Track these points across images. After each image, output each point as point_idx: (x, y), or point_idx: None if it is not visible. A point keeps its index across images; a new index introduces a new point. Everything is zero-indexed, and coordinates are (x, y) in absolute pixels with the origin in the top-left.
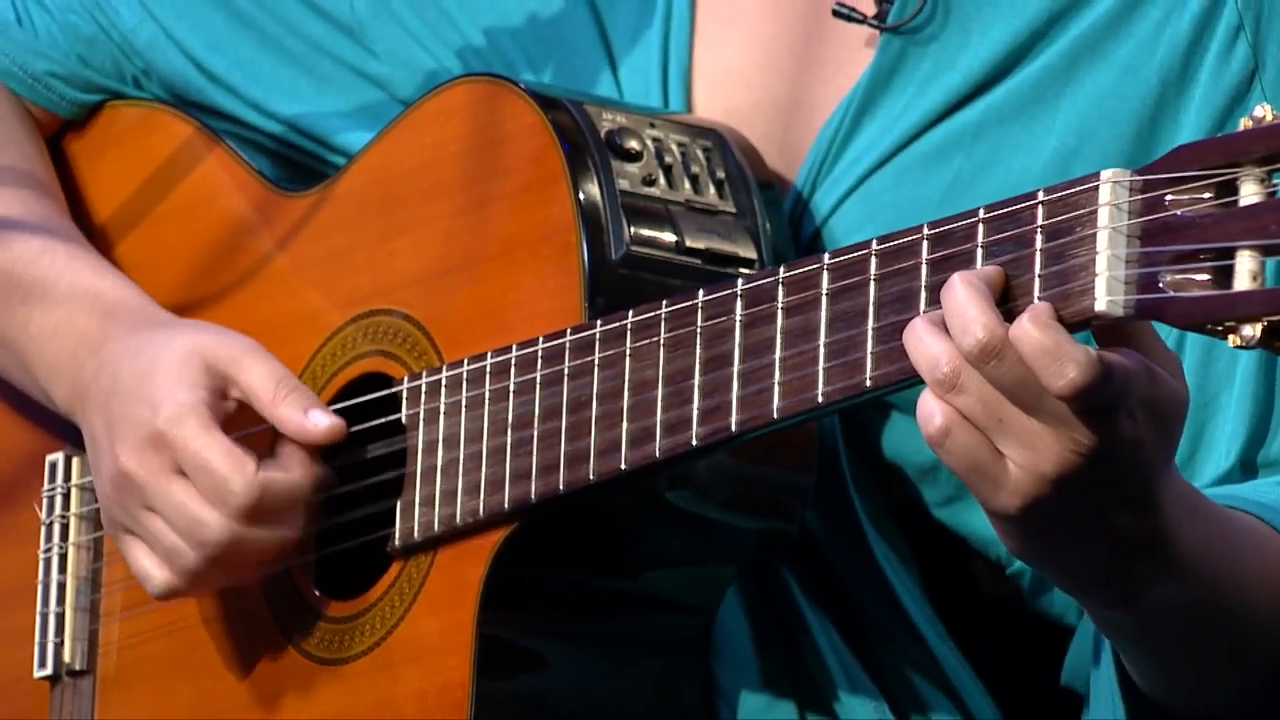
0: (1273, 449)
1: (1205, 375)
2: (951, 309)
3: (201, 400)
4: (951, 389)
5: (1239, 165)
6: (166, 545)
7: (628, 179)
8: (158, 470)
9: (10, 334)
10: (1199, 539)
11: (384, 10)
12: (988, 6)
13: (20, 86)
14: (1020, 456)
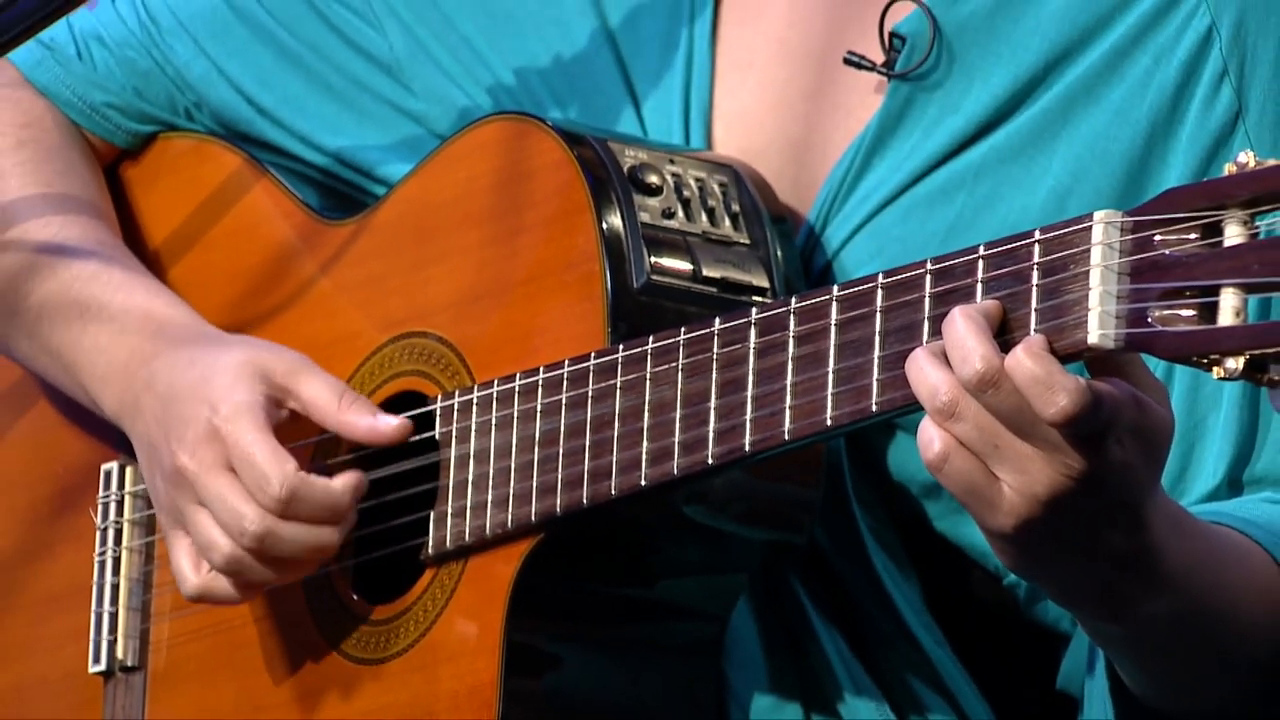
0: (1257, 467)
1: (1194, 399)
2: (951, 340)
3: (258, 403)
4: (950, 417)
5: (1224, 208)
6: (205, 538)
7: (648, 212)
8: (209, 464)
9: (64, 348)
10: (1186, 555)
11: (421, 51)
12: (989, 55)
13: (80, 117)
14: (1014, 480)
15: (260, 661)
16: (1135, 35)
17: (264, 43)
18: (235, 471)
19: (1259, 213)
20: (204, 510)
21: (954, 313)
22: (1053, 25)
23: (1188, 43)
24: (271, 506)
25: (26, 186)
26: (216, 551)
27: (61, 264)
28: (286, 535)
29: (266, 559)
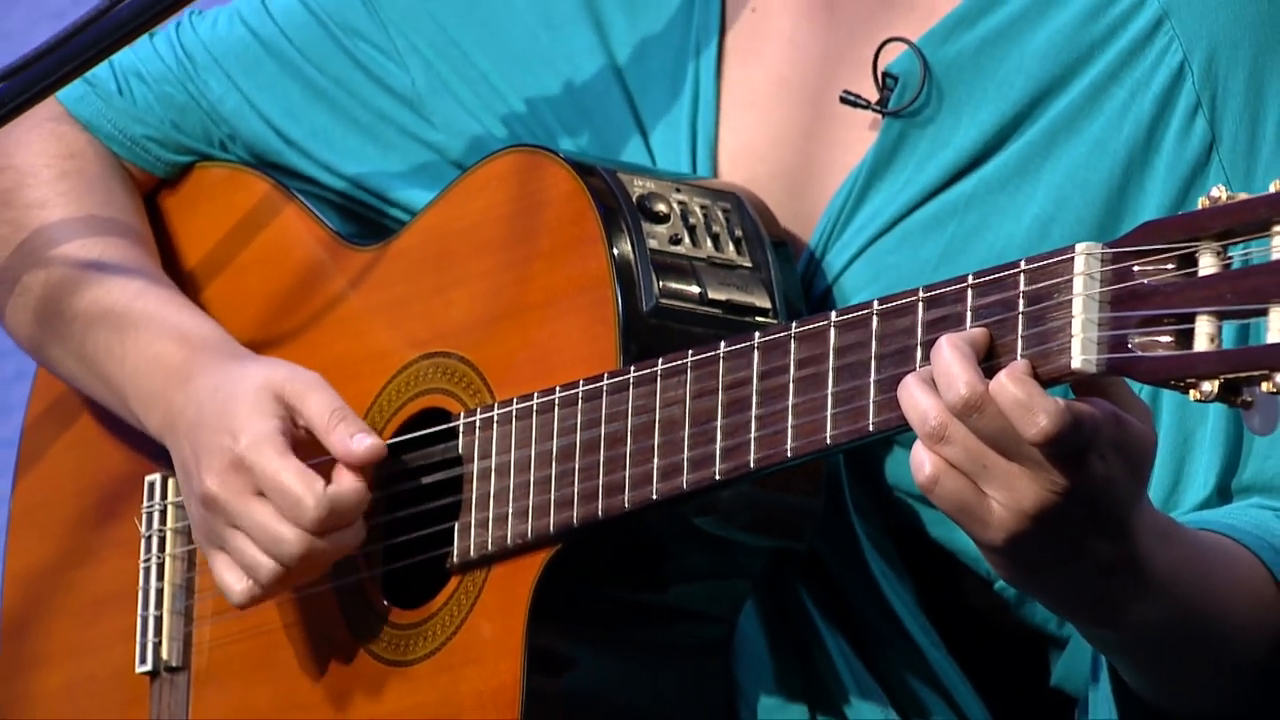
0: (1244, 476)
1: (1182, 416)
2: (939, 368)
3: (276, 429)
4: (940, 440)
5: (1198, 239)
6: (249, 559)
7: (656, 238)
8: (239, 491)
9: (107, 367)
10: (1173, 562)
11: (440, 85)
12: (976, 92)
13: (121, 148)
14: (1003, 497)
15: (296, 663)
16: (1113, 71)
17: (293, 78)
18: (265, 496)
19: (1231, 244)
20: (240, 534)
21: (941, 341)
22: (1035, 63)
23: (1161, 77)
24: (310, 527)
25: (70, 213)
26: (262, 570)
27: (101, 286)
28: (322, 549)
29: (309, 571)
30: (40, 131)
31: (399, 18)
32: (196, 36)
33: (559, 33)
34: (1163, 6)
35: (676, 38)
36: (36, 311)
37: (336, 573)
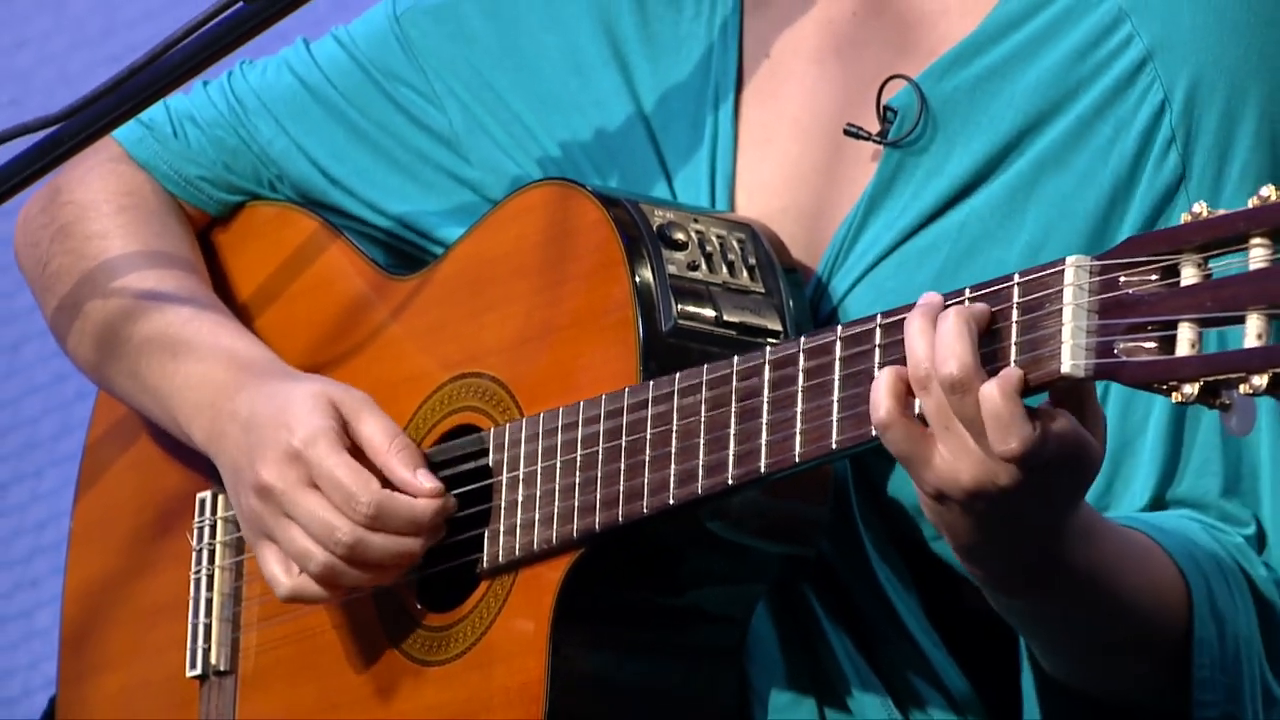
0: (1179, 489)
1: (1123, 423)
2: (941, 337)
3: (331, 428)
4: (921, 387)
5: (1180, 252)
6: (299, 548)
7: (675, 265)
8: (294, 482)
9: (159, 384)
10: (1090, 560)
11: (477, 126)
12: (970, 124)
13: (176, 188)
14: (949, 455)
15: (336, 665)
16: (1099, 108)
17: (337, 121)
18: (320, 489)
19: (1211, 256)
20: (293, 524)
21: (951, 311)
22: (1025, 98)
23: (1144, 114)
24: (361, 520)
25: (127, 245)
26: (312, 560)
27: (157, 311)
28: (376, 544)
29: (357, 565)
30: (101, 170)
31: (437, 63)
32: (247, 83)
33: (588, 77)
34: (1147, 48)
35: (697, 82)
36: (95, 336)
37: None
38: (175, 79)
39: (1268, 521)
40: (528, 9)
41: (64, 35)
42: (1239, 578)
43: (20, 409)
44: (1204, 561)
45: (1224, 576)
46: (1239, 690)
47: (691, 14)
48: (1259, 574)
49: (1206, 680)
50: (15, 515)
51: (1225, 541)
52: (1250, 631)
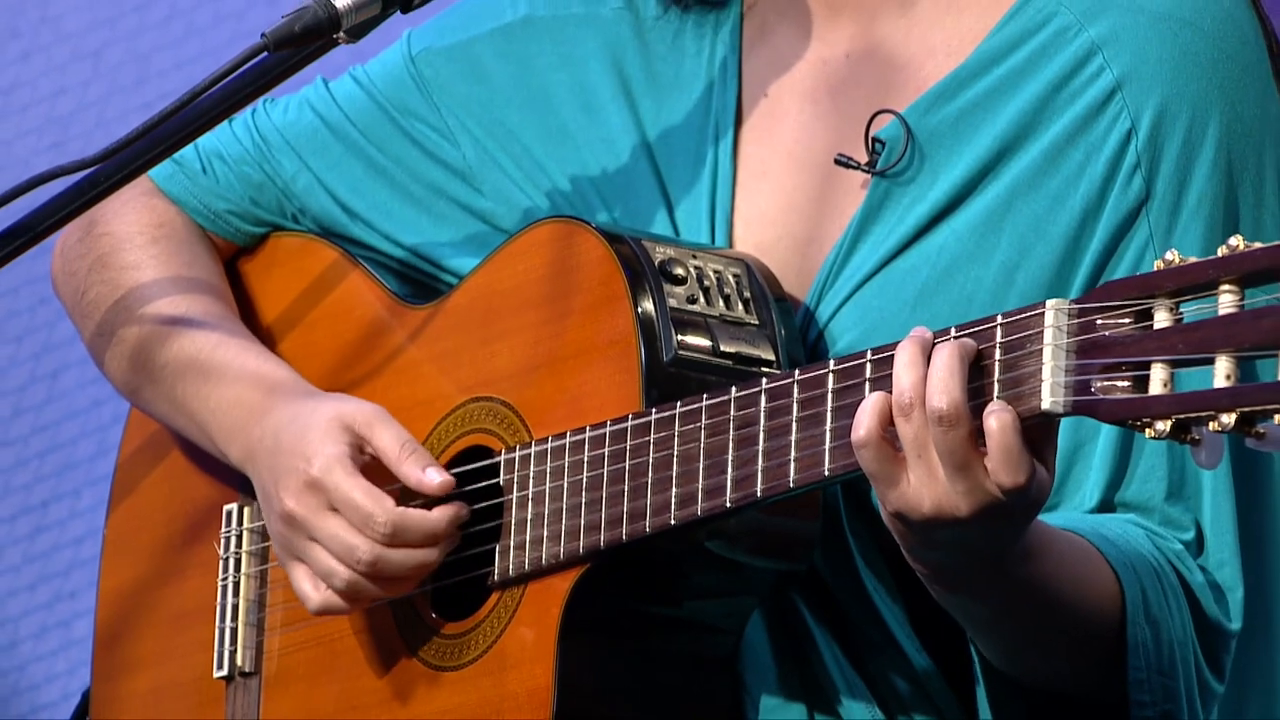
0: (1126, 494)
1: (1077, 429)
2: (935, 369)
3: (345, 453)
4: (903, 414)
5: (1154, 296)
6: (324, 567)
7: (675, 298)
8: (315, 508)
9: (194, 407)
10: (1032, 574)
11: (489, 159)
12: (953, 154)
13: (205, 221)
14: (915, 481)
15: (355, 669)
16: (1070, 134)
17: (356, 157)
18: (339, 512)
19: (1182, 300)
20: (317, 545)
21: (946, 346)
22: (1005, 128)
23: (1113, 141)
24: (379, 538)
25: (160, 274)
26: (337, 578)
27: (187, 337)
28: (395, 559)
29: (377, 580)
30: (135, 204)
31: (450, 100)
32: (270, 122)
33: (596, 115)
34: (1117, 79)
35: (699, 119)
36: (131, 360)
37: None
38: (203, 124)
39: (1207, 526)
40: (538, 50)
41: (101, 83)
42: (1175, 583)
43: (59, 432)
44: (1141, 569)
45: (1160, 583)
46: (1175, 690)
47: (693, 54)
48: (1195, 579)
49: (1143, 681)
50: (55, 531)
51: (1165, 548)
52: (1185, 634)
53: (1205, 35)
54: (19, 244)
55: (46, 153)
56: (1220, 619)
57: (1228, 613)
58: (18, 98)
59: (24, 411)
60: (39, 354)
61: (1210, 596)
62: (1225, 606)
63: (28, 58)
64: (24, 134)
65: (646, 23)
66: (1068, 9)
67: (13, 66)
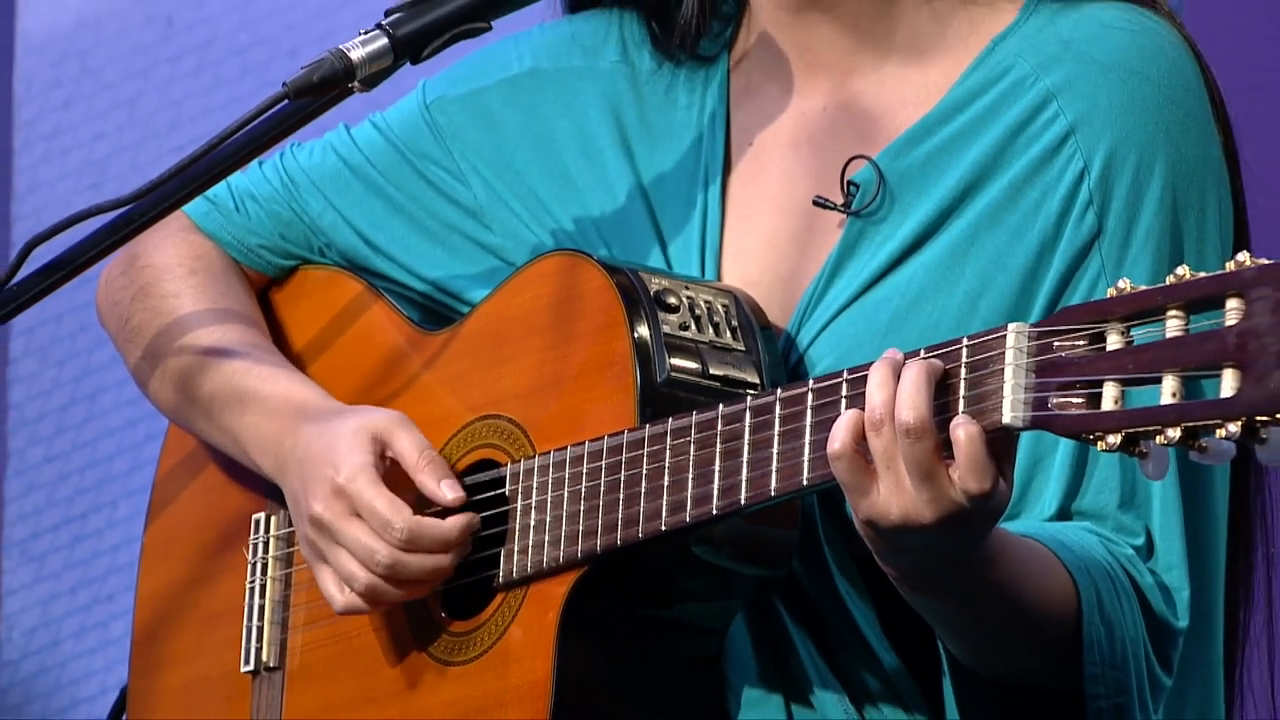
0: (1082, 503)
1: (1036, 443)
2: (903, 384)
3: (369, 463)
4: (873, 427)
5: (1106, 321)
6: (347, 570)
7: (669, 325)
8: (340, 514)
9: (233, 426)
10: (993, 578)
11: (498, 200)
12: (922, 195)
13: (238, 254)
14: (884, 491)
15: (371, 663)
16: (1028, 174)
17: (376, 196)
18: (362, 518)
19: (1132, 325)
20: (341, 549)
21: (913, 366)
22: (967, 169)
23: (1067, 180)
24: (397, 543)
25: (199, 303)
26: (357, 581)
27: (226, 361)
28: (411, 563)
29: (395, 582)
30: (174, 239)
31: (462, 145)
32: (297, 164)
33: (596, 160)
34: (1070, 124)
35: (690, 165)
36: (174, 384)
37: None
38: (229, 166)
39: (1156, 532)
40: (542, 99)
41: (136, 129)
42: (1126, 585)
43: (98, 449)
44: (1095, 572)
45: (1113, 585)
46: (1127, 683)
47: (685, 106)
48: (1145, 581)
49: (1097, 675)
50: (93, 539)
51: (1117, 553)
52: (1136, 632)
53: (1151, 83)
54: (60, 276)
55: (85, 192)
56: (1169, 617)
57: (1175, 612)
58: (59, 142)
59: (66, 429)
60: (79, 377)
61: (1160, 597)
62: (1173, 606)
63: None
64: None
65: (642, 75)
66: (1024, 60)
67: (55, 113)
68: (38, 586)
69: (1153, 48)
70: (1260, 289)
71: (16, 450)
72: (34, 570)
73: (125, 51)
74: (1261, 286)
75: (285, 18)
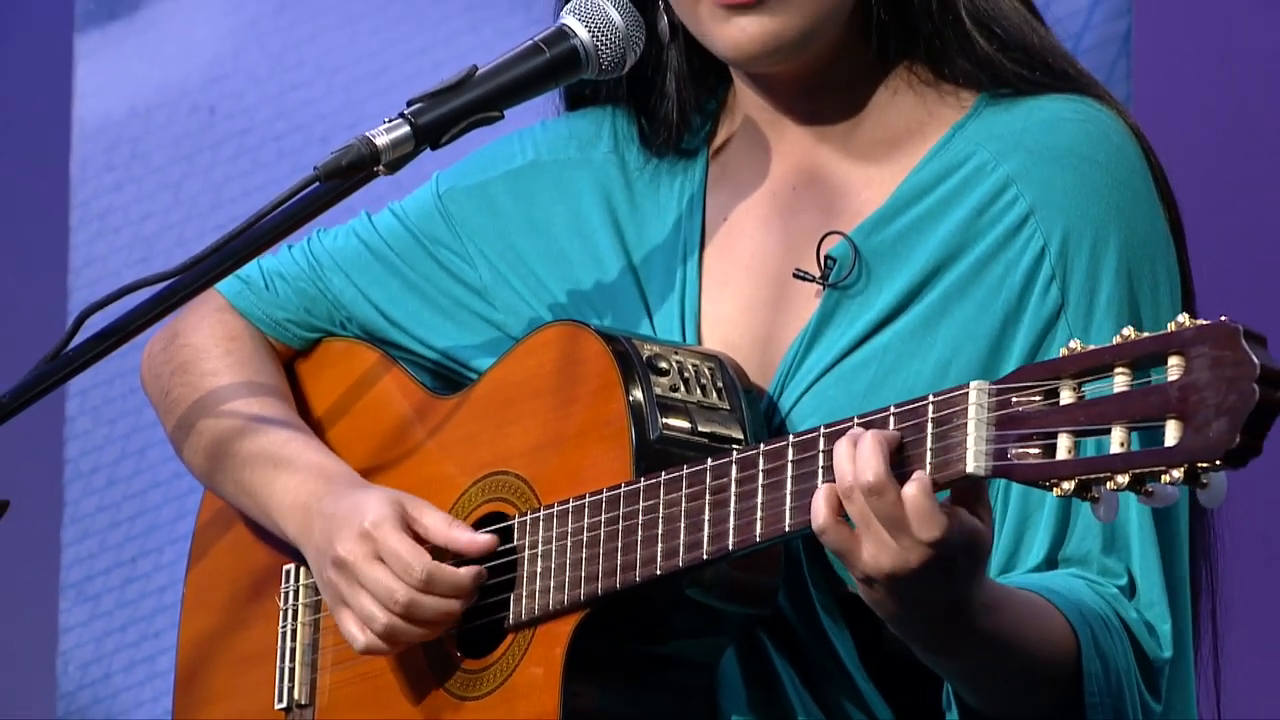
0: (1067, 550)
1: (1024, 502)
2: (860, 453)
3: (396, 514)
4: (845, 495)
5: (1059, 378)
6: (367, 611)
7: (660, 387)
8: (363, 556)
9: (259, 492)
10: (994, 625)
11: (501, 279)
12: (894, 270)
13: (267, 329)
14: (871, 548)
15: (394, 700)
16: (992, 253)
17: (394, 276)
18: (383, 561)
19: (1084, 381)
20: (362, 590)
21: (868, 434)
22: (936, 246)
23: (1028, 257)
24: (415, 585)
25: (233, 379)
26: (376, 621)
27: (256, 434)
28: (427, 605)
29: (411, 621)
30: (210, 319)
31: (470, 231)
32: (323, 246)
33: (589, 240)
34: (1029, 206)
35: (671, 242)
36: (206, 451)
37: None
38: (265, 242)
39: (1137, 573)
40: (541, 187)
41: (181, 209)
42: (1115, 622)
43: (146, 499)
44: (1088, 613)
45: (1104, 622)
46: (1123, 711)
47: (667, 191)
48: (1131, 616)
49: (1096, 704)
50: (141, 581)
51: (1103, 593)
52: (1127, 663)
53: (1100, 167)
54: (112, 342)
55: (135, 266)
56: (1154, 650)
57: (1160, 644)
58: (111, 221)
59: (117, 481)
60: (129, 434)
61: (1144, 631)
62: (1157, 639)
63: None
64: (116, 250)
65: (630, 166)
66: (984, 148)
67: (108, 194)
68: (92, 624)
69: (1099, 134)
70: (1199, 348)
71: (72, 500)
72: (88, 609)
73: (172, 138)
74: (1200, 345)
75: (317, 107)
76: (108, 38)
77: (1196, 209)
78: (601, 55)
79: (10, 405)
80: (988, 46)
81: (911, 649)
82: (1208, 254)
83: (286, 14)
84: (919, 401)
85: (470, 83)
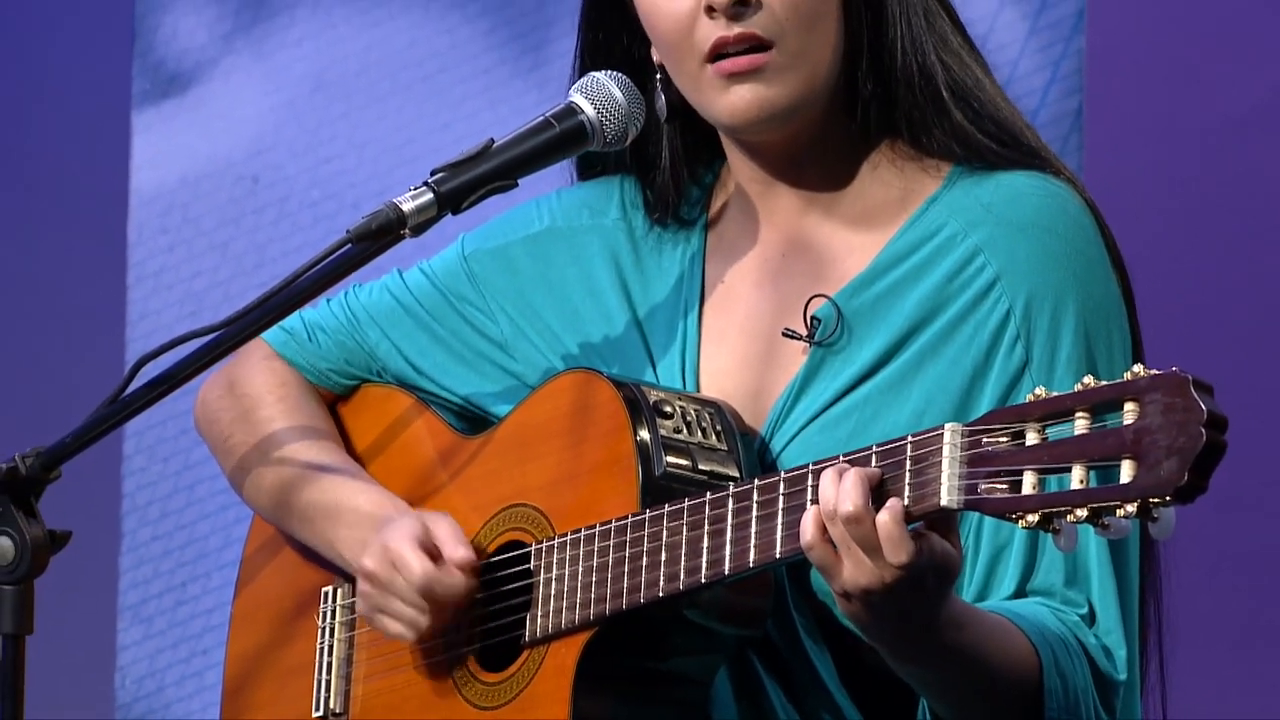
0: (1035, 582)
1: (995, 537)
2: (843, 486)
3: (416, 535)
4: (830, 519)
5: (1025, 421)
6: (394, 610)
7: (665, 429)
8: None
9: (319, 524)
10: (962, 641)
11: (520, 334)
12: (873, 330)
13: (312, 377)
14: (850, 567)
15: (420, 708)
16: (962, 315)
17: (422, 329)
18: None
19: (1047, 425)
20: (394, 599)
21: (852, 470)
22: (912, 308)
23: (994, 319)
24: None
25: (287, 424)
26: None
27: (319, 475)
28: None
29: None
30: (260, 367)
31: (493, 289)
32: (359, 301)
33: (599, 298)
34: (996, 273)
35: (674, 300)
36: (270, 494)
37: (449, 647)
38: (303, 298)
39: (1096, 602)
40: (557, 251)
41: (228, 268)
42: (1075, 645)
43: (195, 529)
44: (1050, 636)
45: (1065, 645)
46: None
47: (670, 252)
48: (1090, 641)
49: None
50: (191, 604)
51: (1065, 620)
52: (1085, 683)
53: (1059, 237)
54: (165, 388)
55: (185, 319)
56: (1111, 672)
57: (1116, 667)
58: (164, 279)
59: (169, 514)
60: (180, 470)
61: (1102, 655)
62: (1114, 662)
63: (173, 249)
64: (168, 305)
65: (637, 232)
66: (954, 220)
67: (161, 255)
68: (146, 643)
69: (1059, 208)
70: (1152, 394)
71: (129, 530)
72: (143, 629)
73: (219, 205)
74: (1153, 392)
75: (349, 177)
76: (161, 115)
77: (1145, 274)
78: (606, 129)
79: (73, 445)
80: (963, 118)
81: (885, 658)
82: (1155, 313)
83: (321, 94)
84: (899, 441)
85: (488, 154)
